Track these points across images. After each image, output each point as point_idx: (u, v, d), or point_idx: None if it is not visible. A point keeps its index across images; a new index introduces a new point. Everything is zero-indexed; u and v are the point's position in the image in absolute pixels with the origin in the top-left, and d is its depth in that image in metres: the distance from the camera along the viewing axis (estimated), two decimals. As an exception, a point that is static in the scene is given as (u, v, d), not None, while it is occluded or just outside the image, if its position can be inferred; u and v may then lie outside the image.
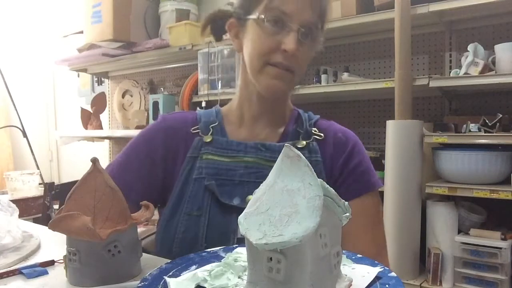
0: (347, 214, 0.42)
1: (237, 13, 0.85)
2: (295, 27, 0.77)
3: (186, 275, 0.51)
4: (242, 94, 0.89)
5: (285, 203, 0.40)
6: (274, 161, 0.86)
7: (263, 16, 0.78)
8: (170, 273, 0.52)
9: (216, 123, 0.87)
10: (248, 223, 0.41)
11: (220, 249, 0.61)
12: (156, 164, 0.85)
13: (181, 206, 0.81)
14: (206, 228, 0.77)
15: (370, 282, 0.45)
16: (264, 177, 0.44)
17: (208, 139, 0.84)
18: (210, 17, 0.91)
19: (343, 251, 0.55)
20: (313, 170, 0.40)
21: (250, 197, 0.80)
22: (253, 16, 0.80)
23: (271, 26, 0.78)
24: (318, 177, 0.41)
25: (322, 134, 0.87)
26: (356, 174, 0.85)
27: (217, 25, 0.91)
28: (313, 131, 0.88)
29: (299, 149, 0.83)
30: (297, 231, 0.37)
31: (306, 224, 0.37)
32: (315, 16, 0.79)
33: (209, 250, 0.61)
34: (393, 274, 0.47)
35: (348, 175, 0.84)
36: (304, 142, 0.85)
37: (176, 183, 0.83)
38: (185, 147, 0.85)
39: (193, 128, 0.87)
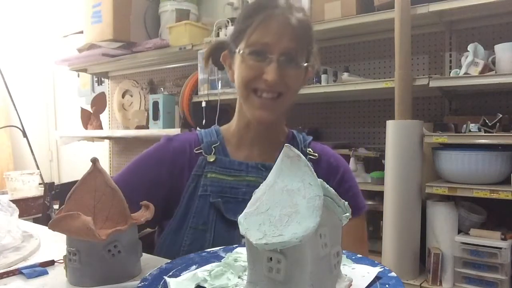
0: (347, 214, 0.42)
1: (229, 46, 0.92)
2: (275, 57, 0.82)
3: (186, 275, 0.51)
4: (240, 119, 0.93)
5: (285, 203, 0.40)
6: None
7: (244, 51, 0.84)
8: (170, 273, 0.52)
9: (218, 143, 0.92)
10: (248, 223, 0.41)
11: (220, 249, 0.61)
12: (163, 177, 0.89)
13: (187, 221, 0.85)
14: (212, 242, 0.81)
15: (370, 282, 0.45)
16: None
17: (211, 158, 0.89)
18: (210, 49, 0.98)
19: (343, 251, 0.55)
20: (313, 170, 0.40)
21: None
22: (238, 49, 0.86)
23: (253, 58, 0.83)
24: None
25: (316, 154, 0.93)
26: (346, 198, 0.88)
27: (217, 56, 0.96)
28: (308, 152, 0.93)
29: None
30: (297, 231, 0.37)
31: (306, 224, 0.37)
32: (294, 42, 0.83)
33: (209, 250, 0.61)
34: (393, 274, 0.47)
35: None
36: None
37: (181, 198, 0.87)
38: (189, 166, 0.90)
39: (196, 148, 0.91)
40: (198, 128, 0.99)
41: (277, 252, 0.39)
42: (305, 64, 0.87)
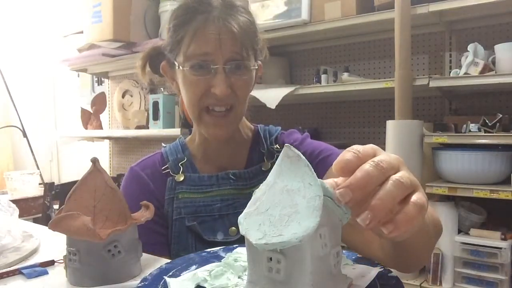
0: (347, 214, 0.42)
1: (167, 56, 0.84)
2: (220, 68, 0.75)
3: (186, 275, 0.51)
4: (200, 133, 0.88)
5: (285, 203, 0.40)
6: (248, 189, 0.83)
7: (184, 67, 0.77)
8: (170, 273, 0.52)
9: (185, 160, 0.87)
10: (248, 223, 0.41)
11: (220, 249, 0.61)
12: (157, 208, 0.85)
13: (171, 248, 0.82)
14: None
15: (371, 282, 0.45)
16: (241, 206, 0.43)
17: (180, 178, 0.84)
18: (145, 55, 0.90)
19: (344, 251, 0.55)
20: (313, 170, 0.40)
21: (233, 228, 0.81)
22: (177, 64, 0.79)
23: (195, 72, 0.76)
24: None
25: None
26: (312, 157, 0.84)
27: (154, 63, 0.89)
28: (275, 149, 0.87)
29: (264, 171, 0.84)
30: (297, 231, 0.37)
31: (306, 224, 0.37)
32: (237, 46, 0.76)
33: (209, 250, 0.61)
34: (393, 274, 0.47)
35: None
36: (269, 164, 0.85)
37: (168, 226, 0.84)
38: (162, 190, 0.85)
39: (163, 168, 0.86)
40: (163, 144, 0.93)
41: (277, 252, 0.39)
42: (255, 67, 0.81)
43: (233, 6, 0.78)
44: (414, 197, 0.40)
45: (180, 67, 0.78)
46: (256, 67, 0.82)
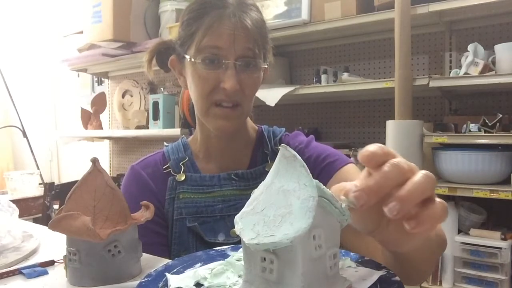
0: (346, 216, 0.42)
1: (177, 50, 0.84)
2: (231, 63, 0.76)
3: (187, 273, 0.51)
4: (202, 131, 0.87)
5: (280, 204, 0.40)
6: (250, 190, 0.83)
7: (195, 59, 0.77)
8: (174, 270, 0.52)
9: (186, 159, 0.86)
10: (244, 222, 0.41)
11: (228, 247, 0.61)
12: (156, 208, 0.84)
13: (172, 249, 0.81)
14: None
15: (371, 285, 0.45)
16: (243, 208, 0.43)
17: (181, 177, 0.83)
18: (153, 49, 0.89)
19: (350, 253, 0.55)
20: (308, 170, 0.40)
21: (234, 230, 0.80)
22: (188, 57, 0.79)
23: (206, 66, 0.77)
24: None
25: None
26: (317, 162, 0.84)
27: (162, 58, 0.89)
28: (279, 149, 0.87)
29: (268, 172, 0.83)
30: (288, 231, 0.37)
31: (298, 225, 0.37)
32: (250, 43, 0.77)
33: (217, 248, 0.61)
34: (396, 278, 0.46)
35: (313, 168, 0.82)
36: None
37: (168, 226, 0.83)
38: (163, 190, 0.84)
39: (164, 167, 0.86)
40: (165, 143, 0.92)
41: (270, 253, 0.39)
42: (264, 66, 0.81)
43: (247, 4, 0.80)
44: (439, 200, 0.40)
45: (192, 59, 0.78)
46: (266, 66, 0.82)
